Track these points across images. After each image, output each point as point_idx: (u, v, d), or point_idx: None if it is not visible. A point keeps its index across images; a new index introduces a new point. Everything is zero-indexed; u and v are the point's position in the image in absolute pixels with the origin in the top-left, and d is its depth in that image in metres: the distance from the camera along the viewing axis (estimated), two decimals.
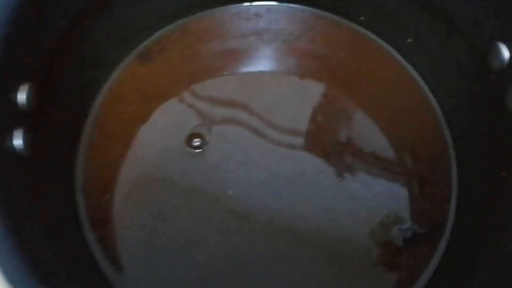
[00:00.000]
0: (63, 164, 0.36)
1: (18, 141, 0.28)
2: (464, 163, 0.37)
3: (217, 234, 0.36)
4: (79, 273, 0.30)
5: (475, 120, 0.35)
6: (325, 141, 0.39)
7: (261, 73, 0.42)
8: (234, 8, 0.42)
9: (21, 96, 0.29)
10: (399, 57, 0.41)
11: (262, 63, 0.42)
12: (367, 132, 0.39)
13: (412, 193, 0.38)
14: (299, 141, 0.39)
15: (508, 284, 0.24)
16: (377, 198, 0.37)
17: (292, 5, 0.42)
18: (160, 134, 0.39)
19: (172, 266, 0.35)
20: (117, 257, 0.35)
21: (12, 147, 0.28)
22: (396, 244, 0.36)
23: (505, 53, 0.30)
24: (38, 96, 0.30)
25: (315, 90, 0.41)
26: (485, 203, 0.33)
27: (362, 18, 0.41)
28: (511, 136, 0.31)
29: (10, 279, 0.22)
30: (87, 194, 0.37)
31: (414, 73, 0.40)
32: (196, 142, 0.38)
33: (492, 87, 0.32)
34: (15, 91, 0.28)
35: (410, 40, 0.39)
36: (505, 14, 0.30)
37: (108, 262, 0.35)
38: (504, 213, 0.30)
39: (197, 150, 0.38)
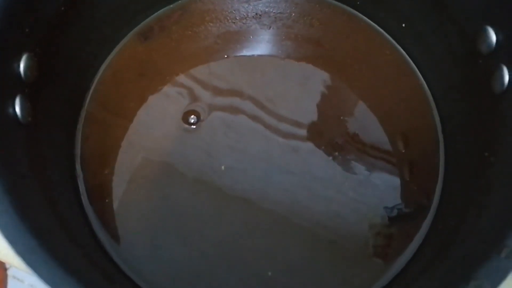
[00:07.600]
0: (63, 136, 0.37)
1: (18, 108, 0.29)
2: (451, 146, 0.38)
3: (210, 209, 0.37)
4: (76, 239, 0.31)
5: (463, 104, 0.36)
6: (320, 127, 0.40)
7: (259, 56, 0.42)
8: None
9: (22, 65, 0.30)
10: (393, 42, 0.41)
11: (260, 46, 0.42)
12: (361, 116, 0.40)
13: (403, 177, 0.38)
14: (296, 127, 0.40)
15: (481, 256, 0.25)
16: (376, 189, 0.37)
17: None
18: (158, 110, 0.40)
19: (167, 237, 0.36)
20: (114, 227, 0.36)
21: (13, 114, 0.29)
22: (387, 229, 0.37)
23: (493, 36, 0.31)
24: (38, 67, 0.31)
25: (311, 73, 0.41)
26: (468, 184, 0.33)
27: (358, 3, 0.42)
28: (495, 118, 0.31)
29: (5, 234, 0.24)
30: (87, 166, 0.38)
31: (407, 58, 0.41)
32: (192, 119, 0.39)
33: (479, 71, 0.33)
34: (17, 60, 0.29)
35: (403, 25, 0.40)
36: None
37: (106, 232, 0.36)
38: (485, 192, 0.30)
39: (193, 127, 0.39)
